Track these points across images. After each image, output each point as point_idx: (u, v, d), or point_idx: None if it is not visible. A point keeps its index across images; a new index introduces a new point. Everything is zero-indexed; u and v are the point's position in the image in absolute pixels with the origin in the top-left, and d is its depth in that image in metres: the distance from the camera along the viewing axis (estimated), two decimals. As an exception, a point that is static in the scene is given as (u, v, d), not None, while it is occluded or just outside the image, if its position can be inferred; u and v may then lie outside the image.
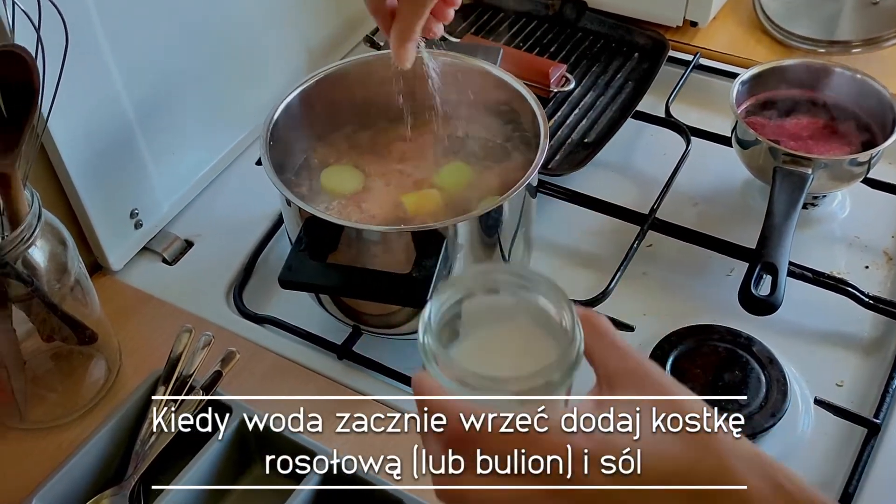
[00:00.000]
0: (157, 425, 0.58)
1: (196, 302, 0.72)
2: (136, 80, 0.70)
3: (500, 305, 0.42)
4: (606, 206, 0.78)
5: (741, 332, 0.68)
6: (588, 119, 0.85)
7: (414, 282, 0.55)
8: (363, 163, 0.70)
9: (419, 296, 0.55)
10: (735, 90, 0.78)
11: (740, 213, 0.80)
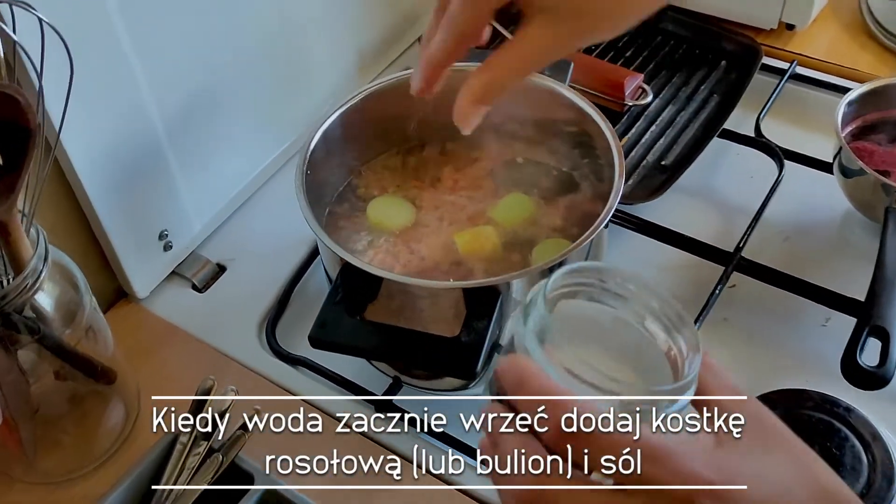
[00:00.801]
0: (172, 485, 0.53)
1: (225, 336, 0.65)
2: (166, 92, 0.63)
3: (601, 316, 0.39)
4: (685, 241, 0.69)
5: (839, 401, 0.59)
6: (666, 138, 0.76)
7: (461, 348, 0.48)
8: (412, 191, 0.62)
9: (467, 365, 0.47)
10: (841, 111, 0.68)
11: (839, 252, 0.71)
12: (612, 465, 0.32)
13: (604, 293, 0.39)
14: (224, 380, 0.56)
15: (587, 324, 0.39)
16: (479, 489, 0.57)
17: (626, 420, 0.33)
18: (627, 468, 0.32)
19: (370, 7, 0.82)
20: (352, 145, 0.62)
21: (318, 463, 0.57)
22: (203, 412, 0.54)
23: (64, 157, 0.57)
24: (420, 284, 0.50)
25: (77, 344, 0.54)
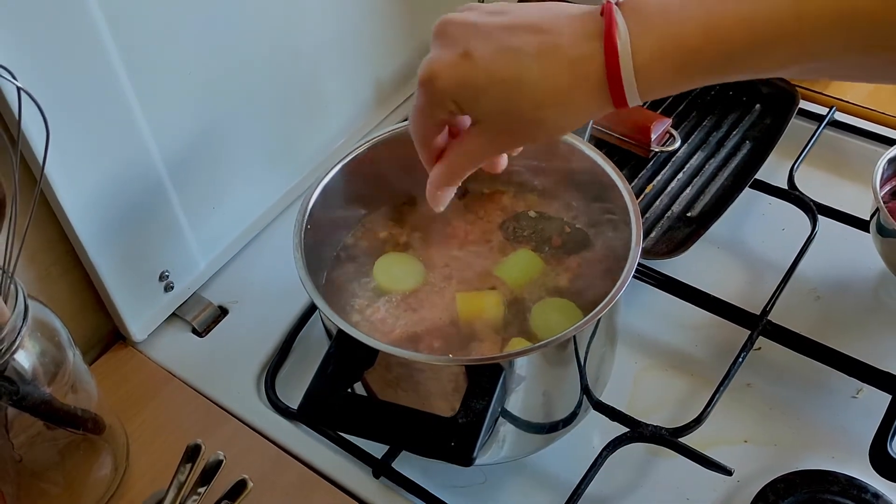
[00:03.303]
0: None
1: (222, 386, 0.63)
2: (168, 133, 0.61)
3: None
4: (709, 301, 0.65)
5: (868, 486, 0.55)
6: (693, 187, 0.72)
7: (457, 429, 0.45)
8: (420, 245, 0.59)
9: (463, 450, 0.44)
10: (881, 168, 0.64)
11: (873, 316, 0.66)
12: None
13: None
14: (217, 434, 0.54)
15: None
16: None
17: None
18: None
19: (387, 37, 0.79)
20: (357, 196, 0.59)
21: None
22: (190, 476, 0.52)
23: (55, 201, 0.55)
24: (416, 359, 0.47)
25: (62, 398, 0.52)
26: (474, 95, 0.42)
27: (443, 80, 0.43)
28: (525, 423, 0.54)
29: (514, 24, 0.42)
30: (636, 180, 0.72)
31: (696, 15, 0.39)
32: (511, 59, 0.41)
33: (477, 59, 0.42)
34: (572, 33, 0.41)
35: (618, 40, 0.39)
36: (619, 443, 0.58)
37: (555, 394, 0.54)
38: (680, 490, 0.58)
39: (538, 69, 0.41)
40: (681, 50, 0.39)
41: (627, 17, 0.40)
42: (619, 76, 0.40)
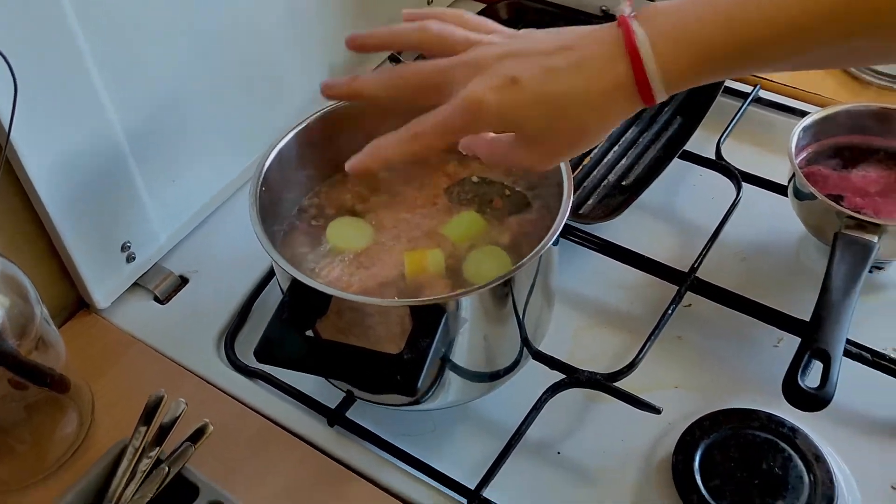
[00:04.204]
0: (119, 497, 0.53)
1: (184, 348, 0.66)
2: (129, 106, 0.64)
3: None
4: (640, 260, 0.70)
5: (785, 421, 0.60)
6: (628, 158, 0.77)
7: (403, 365, 0.49)
8: (372, 209, 0.63)
9: (408, 382, 0.48)
10: (796, 136, 0.69)
11: (794, 274, 0.72)
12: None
13: None
14: (180, 391, 0.57)
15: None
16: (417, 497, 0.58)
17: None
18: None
19: (341, 24, 0.83)
20: (310, 163, 0.63)
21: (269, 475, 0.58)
22: (153, 423, 0.55)
23: (21, 170, 0.58)
24: (364, 302, 0.51)
25: (28, 355, 0.54)
26: (523, 115, 0.46)
27: (491, 105, 0.46)
28: (470, 369, 0.58)
29: (546, 47, 0.46)
30: (575, 153, 0.77)
31: (708, 16, 0.43)
32: (554, 78, 0.45)
33: (524, 82, 0.45)
34: (598, 46, 0.45)
35: (639, 47, 0.44)
36: (557, 388, 0.62)
37: (496, 342, 0.58)
38: (615, 433, 0.62)
39: (577, 83, 0.45)
40: (699, 48, 0.44)
41: (643, 25, 0.45)
42: (646, 78, 0.44)
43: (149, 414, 0.55)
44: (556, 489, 0.60)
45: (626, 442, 0.62)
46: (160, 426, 0.55)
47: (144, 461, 0.54)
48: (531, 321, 0.60)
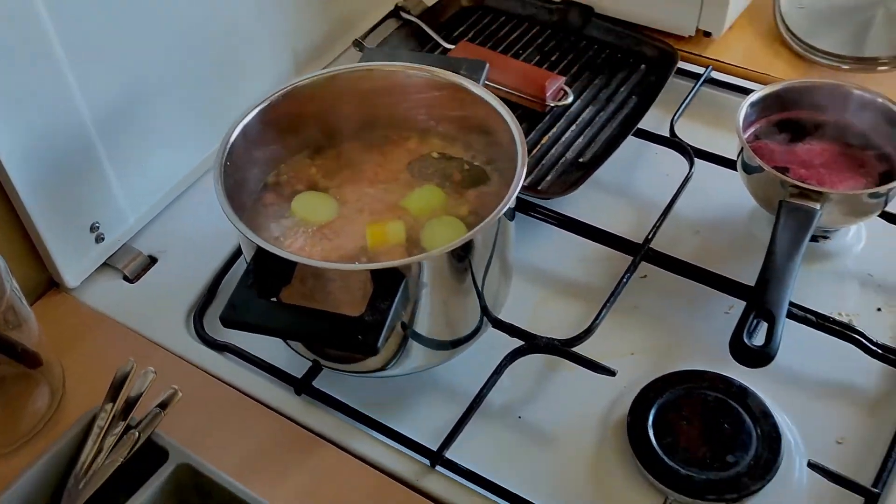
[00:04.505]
0: (91, 464, 0.55)
1: (153, 325, 0.68)
2: (95, 87, 0.66)
3: None
4: (597, 233, 0.73)
5: (734, 381, 0.63)
6: (585, 136, 0.80)
7: (364, 325, 0.51)
8: (336, 184, 0.65)
9: (369, 342, 0.50)
10: (743, 111, 0.72)
11: (745, 245, 0.74)
12: None
13: None
14: (149, 364, 0.59)
15: None
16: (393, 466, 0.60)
17: None
18: None
19: (305, 10, 0.85)
20: (275, 139, 0.64)
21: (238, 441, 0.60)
22: (122, 391, 0.56)
23: (-10, 149, 0.60)
24: (326, 267, 0.53)
25: (0, 328, 0.56)
26: None
27: None
28: (431, 335, 0.60)
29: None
30: (534, 132, 0.79)
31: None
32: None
33: None
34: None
35: None
36: (517, 354, 0.64)
37: (456, 309, 0.60)
38: (574, 397, 0.65)
39: None
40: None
41: None
42: None
43: (118, 382, 0.56)
44: (517, 450, 0.62)
45: (584, 405, 0.64)
46: (130, 394, 0.56)
47: (115, 427, 0.55)
48: (490, 291, 0.62)
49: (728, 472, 0.58)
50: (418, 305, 0.56)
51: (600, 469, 0.61)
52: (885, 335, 0.67)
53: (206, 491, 0.55)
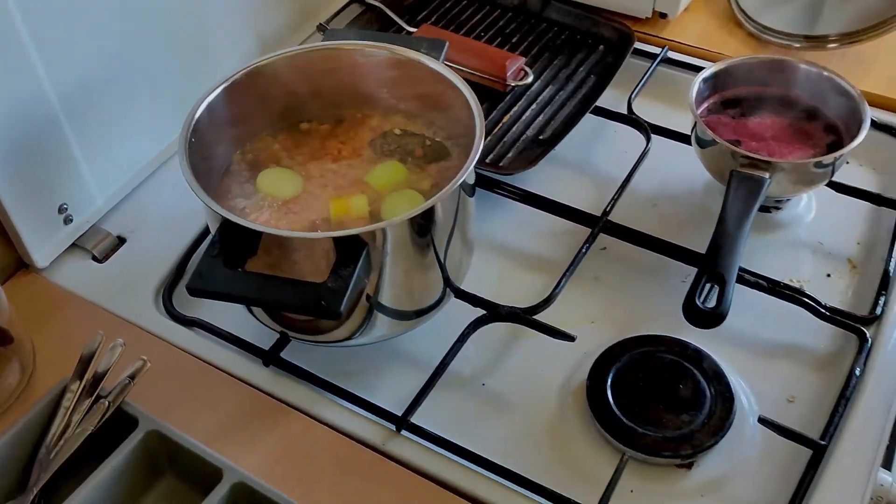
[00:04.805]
0: (62, 435, 0.56)
1: (123, 302, 0.69)
2: (61, 70, 0.67)
3: None
4: (557, 207, 0.75)
5: (689, 344, 0.65)
6: (545, 115, 0.82)
7: (328, 291, 0.52)
8: (300, 162, 0.67)
9: (332, 307, 0.52)
10: (696, 87, 0.74)
11: (701, 217, 0.77)
12: None
13: None
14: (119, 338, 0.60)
15: None
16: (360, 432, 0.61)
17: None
18: None
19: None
20: (240, 118, 0.66)
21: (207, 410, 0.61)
22: (92, 362, 0.58)
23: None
24: (289, 235, 0.55)
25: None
26: None
27: None
28: (395, 304, 0.61)
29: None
30: (495, 111, 0.81)
31: None
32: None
33: None
34: None
35: None
36: (480, 323, 0.66)
37: (418, 279, 0.62)
38: (536, 365, 0.67)
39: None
40: None
41: None
42: None
43: (87, 354, 0.57)
44: (481, 415, 0.64)
45: (546, 372, 0.66)
46: (99, 366, 0.57)
47: (85, 398, 0.56)
48: (453, 263, 0.64)
49: (683, 430, 0.60)
50: (382, 275, 0.58)
51: (561, 431, 0.63)
52: (834, 299, 0.69)
53: (177, 458, 0.56)
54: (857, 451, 0.60)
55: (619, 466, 0.58)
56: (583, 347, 0.67)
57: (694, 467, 0.61)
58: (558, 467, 0.61)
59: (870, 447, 0.60)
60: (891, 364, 0.64)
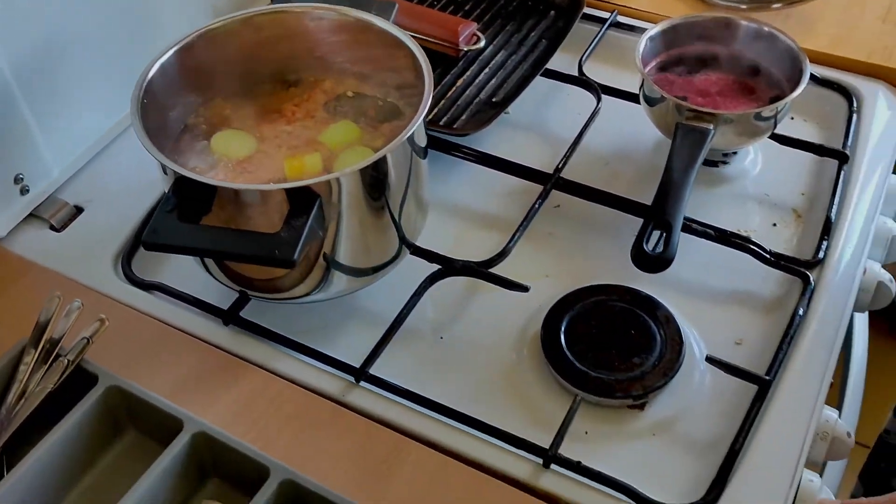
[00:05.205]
0: (21, 396, 0.56)
1: (82, 269, 0.69)
2: (12, 41, 0.67)
3: None
4: (511, 167, 0.76)
5: (640, 292, 0.67)
6: (498, 78, 0.83)
7: (281, 241, 0.53)
8: (255, 125, 0.67)
9: (285, 256, 0.53)
10: (642, 46, 0.76)
11: (651, 174, 0.78)
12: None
13: None
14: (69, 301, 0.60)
15: None
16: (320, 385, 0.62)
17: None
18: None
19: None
20: (194, 82, 0.66)
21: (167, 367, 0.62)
22: (51, 321, 0.58)
23: None
24: (242, 188, 0.56)
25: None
26: None
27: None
28: (351, 261, 0.63)
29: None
30: (448, 76, 0.83)
31: None
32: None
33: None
34: None
35: None
36: (436, 277, 0.68)
37: (373, 235, 0.63)
38: (493, 318, 0.68)
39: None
40: None
41: None
42: None
43: (45, 315, 0.58)
44: (440, 367, 0.65)
45: (503, 325, 0.68)
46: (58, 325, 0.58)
47: (44, 358, 0.57)
48: (408, 221, 0.65)
49: (634, 373, 0.62)
50: (339, 229, 0.59)
51: (517, 378, 0.64)
52: (779, 247, 0.71)
53: (137, 413, 0.57)
54: (800, 386, 0.62)
55: (573, 407, 0.60)
56: (538, 300, 0.68)
57: (646, 408, 0.62)
58: (515, 412, 0.62)
59: (813, 383, 0.62)
60: (832, 305, 0.67)
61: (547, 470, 0.58)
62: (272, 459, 0.53)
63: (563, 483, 0.57)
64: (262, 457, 0.53)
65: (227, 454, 0.54)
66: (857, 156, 0.77)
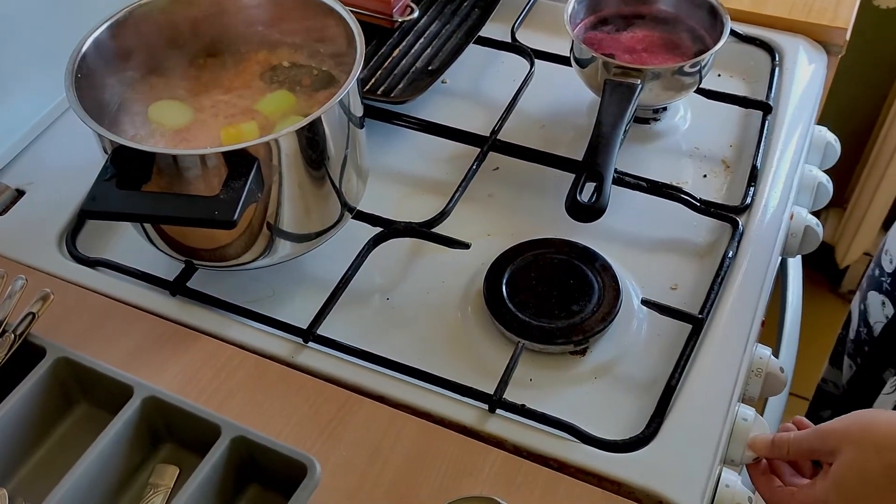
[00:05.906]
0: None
1: (26, 250, 0.69)
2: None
3: None
4: (449, 132, 0.78)
5: (577, 244, 0.69)
6: (433, 47, 0.85)
7: (221, 203, 0.54)
8: (191, 96, 0.68)
9: (226, 216, 0.54)
10: (570, 8, 0.78)
11: (585, 134, 0.79)
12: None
13: None
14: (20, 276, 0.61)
15: None
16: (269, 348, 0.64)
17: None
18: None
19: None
20: (129, 57, 0.67)
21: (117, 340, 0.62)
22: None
23: None
24: (180, 153, 0.56)
25: None
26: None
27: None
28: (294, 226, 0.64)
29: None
30: (385, 47, 0.84)
31: None
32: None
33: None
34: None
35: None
36: (379, 239, 0.69)
37: (313, 199, 0.64)
38: (437, 278, 0.70)
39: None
40: None
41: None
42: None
43: (-10, 291, 0.58)
44: (387, 326, 0.67)
45: (447, 283, 0.70)
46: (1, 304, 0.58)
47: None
48: (348, 188, 0.66)
49: (574, 320, 0.64)
50: (281, 193, 0.60)
51: (463, 332, 0.66)
52: (710, 196, 0.74)
53: (88, 384, 0.58)
54: (732, 324, 0.65)
55: (515, 354, 0.62)
56: (480, 258, 0.70)
57: (587, 353, 0.65)
58: (461, 364, 0.64)
59: (744, 321, 0.65)
60: (761, 247, 0.70)
61: (493, 414, 0.60)
62: (223, 418, 0.54)
63: (508, 426, 0.59)
64: (212, 416, 0.54)
65: (178, 417, 0.55)
66: (780, 107, 0.80)
